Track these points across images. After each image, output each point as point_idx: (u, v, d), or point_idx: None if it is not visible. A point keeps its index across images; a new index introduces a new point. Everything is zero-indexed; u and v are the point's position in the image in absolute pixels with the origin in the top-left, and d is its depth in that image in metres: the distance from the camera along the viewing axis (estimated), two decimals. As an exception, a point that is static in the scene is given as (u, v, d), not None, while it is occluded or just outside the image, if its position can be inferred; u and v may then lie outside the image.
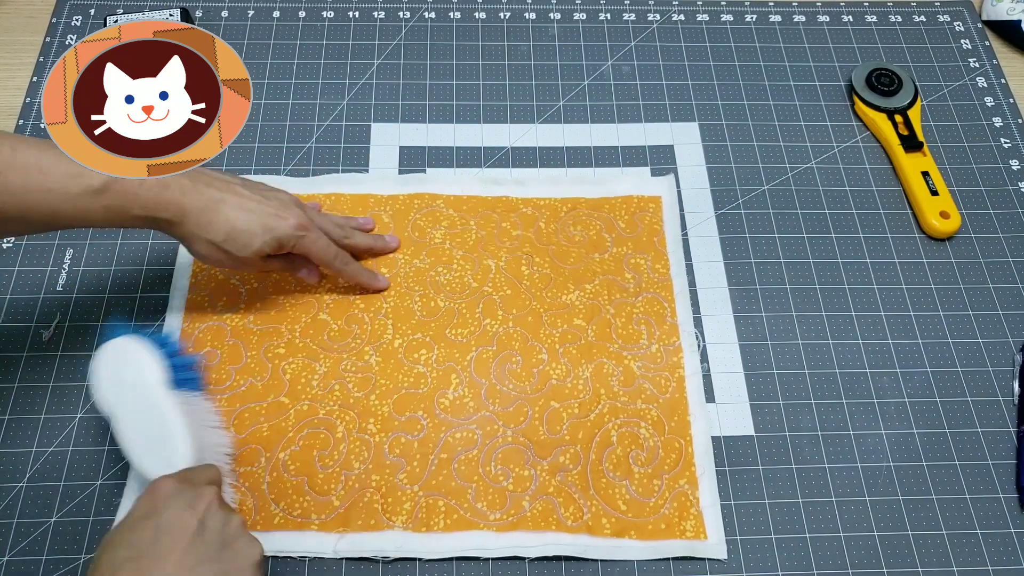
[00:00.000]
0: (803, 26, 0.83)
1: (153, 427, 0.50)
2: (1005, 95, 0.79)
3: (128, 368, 0.52)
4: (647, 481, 0.58)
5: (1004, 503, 0.59)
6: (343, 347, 0.62)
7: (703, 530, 0.56)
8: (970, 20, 0.84)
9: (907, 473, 0.60)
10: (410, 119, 0.75)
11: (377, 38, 0.80)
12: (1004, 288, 0.68)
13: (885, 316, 0.66)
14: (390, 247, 0.67)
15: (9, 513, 0.56)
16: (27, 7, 0.80)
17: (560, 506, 0.57)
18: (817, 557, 0.56)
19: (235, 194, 0.55)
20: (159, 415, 0.51)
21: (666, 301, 0.65)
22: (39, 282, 0.65)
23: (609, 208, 0.70)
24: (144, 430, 0.51)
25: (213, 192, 0.55)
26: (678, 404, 0.61)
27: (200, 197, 0.54)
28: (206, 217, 0.54)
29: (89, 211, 0.50)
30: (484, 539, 0.55)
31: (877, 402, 0.62)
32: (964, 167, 0.74)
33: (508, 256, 0.67)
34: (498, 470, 0.58)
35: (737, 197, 0.72)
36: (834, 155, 0.74)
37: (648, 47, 0.81)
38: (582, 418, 0.60)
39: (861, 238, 0.70)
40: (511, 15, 0.82)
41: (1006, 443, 0.61)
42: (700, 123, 0.76)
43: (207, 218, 0.54)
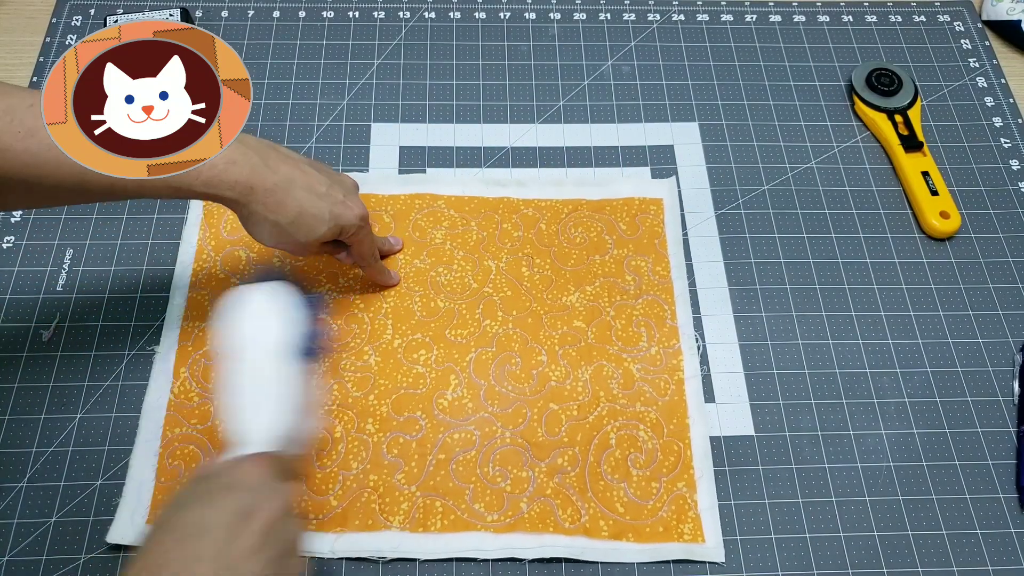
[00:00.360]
0: (803, 26, 0.83)
1: (258, 391, 0.47)
2: (1005, 95, 0.79)
3: (259, 320, 0.49)
4: (645, 484, 0.58)
5: (1004, 503, 0.59)
6: (342, 346, 0.62)
7: (701, 533, 0.56)
8: (970, 20, 0.84)
9: (907, 473, 0.59)
10: (410, 119, 0.75)
11: (377, 38, 0.80)
12: (1004, 288, 0.68)
13: (885, 316, 0.66)
14: (396, 248, 0.67)
15: (9, 513, 0.56)
16: (27, 7, 0.80)
17: (558, 508, 0.57)
18: (817, 557, 0.56)
19: (305, 175, 0.53)
20: (267, 382, 0.48)
21: (666, 303, 0.65)
22: (39, 282, 0.65)
23: (610, 210, 0.70)
24: (249, 389, 0.47)
25: (284, 170, 0.52)
26: (677, 407, 0.61)
27: (270, 176, 0.51)
28: (275, 198, 0.51)
29: (149, 185, 0.48)
30: (481, 540, 0.55)
31: (877, 402, 0.62)
32: (964, 167, 0.74)
33: (509, 257, 0.67)
34: (496, 471, 0.58)
35: (737, 197, 0.72)
36: (834, 155, 0.74)
37: (648, 47, 0.81)
38: (581, 420, 0.60)
39: (861, 238, 0.70)
40: (511, 15, 0.82)
41: (1006, 443, 0.61)
42: (700, 123, 0.76)
43: (277, 199, 0.51)
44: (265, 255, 0.66)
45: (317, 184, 0.53)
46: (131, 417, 0.59)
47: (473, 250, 0.67)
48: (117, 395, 0.60)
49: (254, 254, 0.66)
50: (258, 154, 0.51)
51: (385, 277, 0.64)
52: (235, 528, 0.40)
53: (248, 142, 0.52)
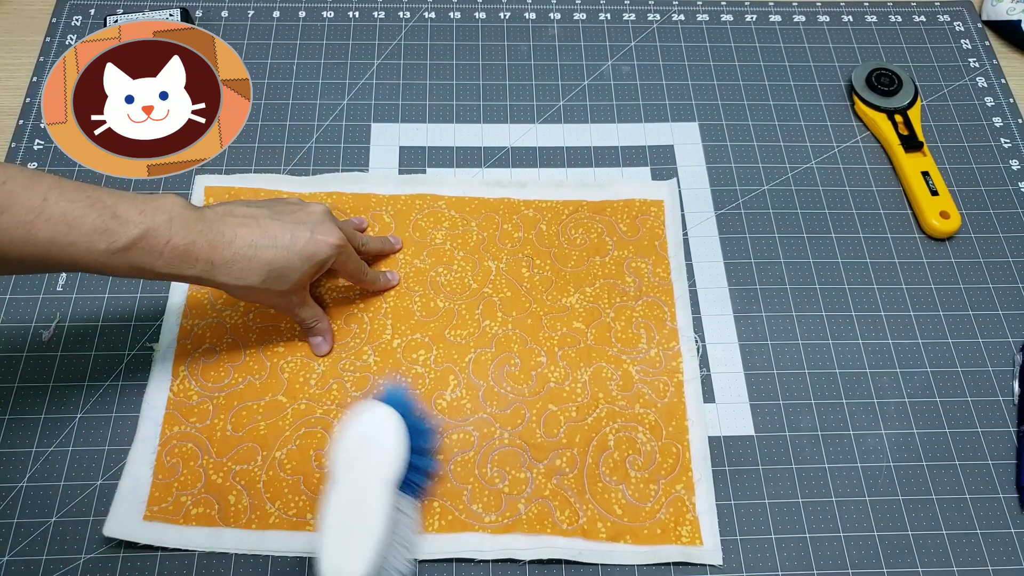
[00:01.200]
0: (803, 26, 0.83)
1: (354, 517, 0.48)
2: (1005, 95, 0.79)
3: (371, 442, 0.50)
4: (644, 486, 0.58)
5: (1004, 503, 0.59)
6: (342, 346, 0.62)
7: (699, 536, 0.56)
8: (970, 20, 0.84)
9: (907, 473, 0.59)
10: (410, 119, 0.75)
11: (377, 38, 0.80)
12: (1004, 288, 0.68)
13: (885, 316, 0.66)
14: (395, 248, 0.67)
15: (9, 513, 0.56)
16: (27, 7, 0.80)
17: (556, 509, 0.57)
18: (817, 557, 0.56)
19: (265, 230, 0.53)
20: (366, 509, 0.48)
21: (666, 305, 0.65)
22: (39, 282, 0.65)
23: (611, 211, 0.70)
24: (345, 516, 0.48)
25: (243, 235, 0.52)
26: (676, 409, 0.61)
27: (228, 248, 0.52)
28: (239, 266, 0.52)
29: (111, 266, 0.49)
30: (479, 541, 0.55)
31: (877, 402, 0.62)
32: (964, 167, 0.74)
33: (509, 258, 0.67)
34: (494, 472, 0.58)
35: (737, 197, 0.72)
36: (834, 155, 0.74)
37: (648, 47, 0.81)
38: (579, 422, 0.60)
39: (861, 238, 0.70)
40: (511, 15, 0.82)
41: (1006, 443, 0.61)
42: (700, 123, 0.76)
43: (241, 266, 0.52)
44: None
45: (280, 235, 0.54)
46: (131, 417, 0.59)
47: (473, 250, 0.67)
48: (117, 395, 0.60)
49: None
50: (215, 227, 0.52)
51: (382, 285, 0.64)
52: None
53: (207, 216, 0.52)
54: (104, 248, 0.48)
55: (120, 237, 0.48)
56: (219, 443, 0.58)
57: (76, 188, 0.48)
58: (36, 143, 0.71)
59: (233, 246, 0.52)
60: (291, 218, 0.55)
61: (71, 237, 0.47)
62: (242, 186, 0.69)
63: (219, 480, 0.57)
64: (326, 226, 0.56)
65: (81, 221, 0.47)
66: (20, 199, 0.46)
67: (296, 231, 0.55)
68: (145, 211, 0.49)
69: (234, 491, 0.56)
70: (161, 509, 0.55)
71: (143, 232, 0.49)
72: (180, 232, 0.50)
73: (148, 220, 0.49)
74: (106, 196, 0.49)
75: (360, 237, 0.63)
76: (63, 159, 0.71)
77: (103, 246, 0.48)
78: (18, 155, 0.71)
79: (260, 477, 0.57)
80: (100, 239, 0.48)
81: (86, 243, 0.48)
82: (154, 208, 0.50)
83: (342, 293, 0.65)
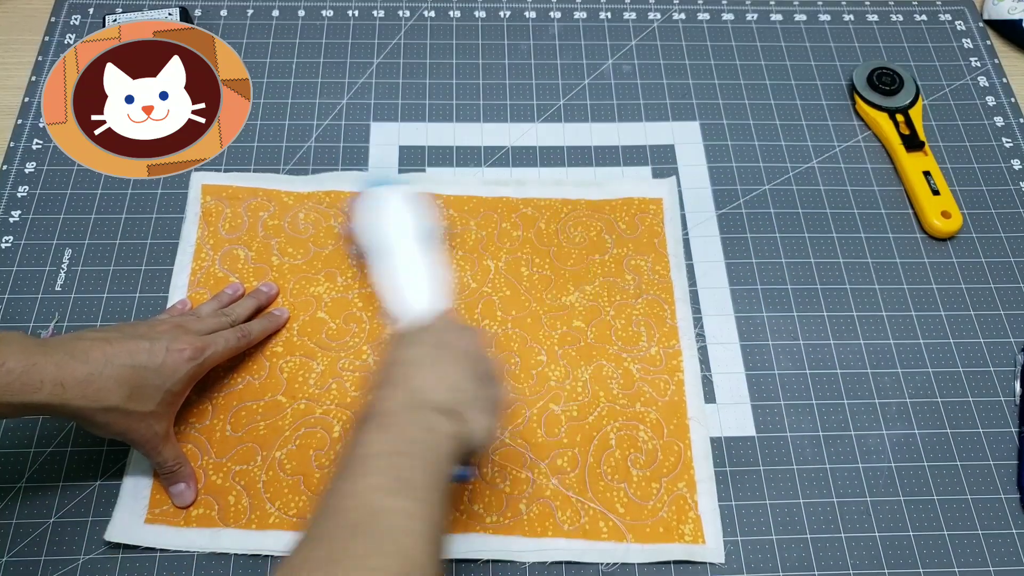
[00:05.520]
0: (804, 25, 0.83)
1: (413, 273, 0.57)
2: (1007, 94, 0.78)
3: (400, 215, 0.59)
4: (645, 484, 0.57)
5: (1005, 504, 0.58)
6: (341, 346, 0.62)
7: (701, 534, 0.56)
8: (971, 19, 0.84)
9: (908, 473, 0.59)
10: (410, 118, 0.75)
11: (376, 37, 0.80)
12: (1005, 288, 0.68)
13: (886, 316, 0.66)
14: (281, 321, 0.63)
15: (9, 513, 0.56)
16: (26, 6, 0.80)
17: (557, 509, 0.56)
18: (818, 558, 0.56)
19: (122, 347, 0.50)
20: (419, 265, 0.58)
21: (666, 303, 0.65)
22: (38, 282, 0.65)
23: (610, 209, 0.69)
24: (404, 273, 0.57)
25: (96, 355, 0.49)
26: (677, 407, 0.61)
27: (81, 367, 0.48)
28: (95, 385, 0.48)
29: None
30: (480, 542, 0.55)
31: (878, 402, 0.62)
32: (965, 167, 0.74)
33: (508, 257, 0.67)
34: (495, 472, 0.58)
35: (738, 196, 0.71)
36: (835, 154, 0.74)
37: (649, 46, 0.80)
38: (580, 420, 0.60)
39: (862, 238, 0.70)
40: (511, 14, 0.82)
41: (1007, 443, 0.61)
42: (701, 122, 0.76)
43: (97, 386, 0.48)
44: (265, 252, 0.66)
45: (138, 351, 0.50)
46: (130, 417, 0.59)
47: (472, 250, 0.67)
48: (116, 395, 0.60)
49: (252, 252, 0.66)
50: (61, 348, 0.48)
51: (273, 326, 0.62)
52: (438, 354, 0.48)
53: (50, 342, 0.49)
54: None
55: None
56: (218, 443, 0.58)
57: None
58: (35, 143, 0.71)
59: (87, 364, 0.48)
60: (149, 330, 0.53)
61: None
62: (240, 184, 0.69)
63: (219, 481, 0.56)
64: (180, 338, 0.53)
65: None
66: None
67: (153, 346, 0.51)
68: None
69: (234, 491, 0.56)
70: (162, 511, 0.55)
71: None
72: (16, 355, 0.46)
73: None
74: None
75: (225, 314, 0.59)
76: (62, 159, 0.71)
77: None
78: (16, 155, 0.70)
79: (260, 477, 0.57)
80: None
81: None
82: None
83: (341, 293, 0.64)
